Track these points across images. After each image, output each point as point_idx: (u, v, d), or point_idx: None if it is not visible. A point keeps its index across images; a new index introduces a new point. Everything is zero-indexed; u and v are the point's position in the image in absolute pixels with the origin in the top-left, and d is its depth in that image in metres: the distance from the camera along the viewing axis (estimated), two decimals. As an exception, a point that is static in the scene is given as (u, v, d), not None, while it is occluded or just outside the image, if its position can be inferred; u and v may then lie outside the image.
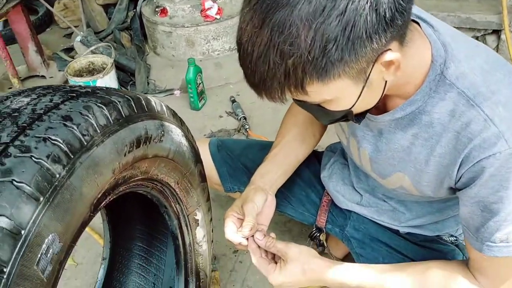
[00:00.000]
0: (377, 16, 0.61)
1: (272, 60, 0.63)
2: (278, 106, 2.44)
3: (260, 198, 1.02)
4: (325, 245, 1.24)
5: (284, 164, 1.12)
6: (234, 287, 1.50)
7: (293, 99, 0.75)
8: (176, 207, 0.98)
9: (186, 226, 1.03)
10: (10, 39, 2.94)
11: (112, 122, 0.69)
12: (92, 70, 2.49)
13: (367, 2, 0.60)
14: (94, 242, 1.68)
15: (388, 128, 0.88)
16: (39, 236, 0.55)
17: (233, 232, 0.98)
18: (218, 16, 2.61)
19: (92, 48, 2.53)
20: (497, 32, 2.55)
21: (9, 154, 0.57)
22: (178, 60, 2.76)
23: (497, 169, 0.73)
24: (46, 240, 0.56)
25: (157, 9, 2.70)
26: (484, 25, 2.52)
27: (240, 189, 1.33)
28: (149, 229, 1.23)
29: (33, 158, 0.57)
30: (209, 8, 2.59)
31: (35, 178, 0.56)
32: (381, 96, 0.76)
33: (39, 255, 0.55)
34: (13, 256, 0.52)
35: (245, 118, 2.28)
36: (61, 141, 0.60)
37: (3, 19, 2.50)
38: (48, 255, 0.57)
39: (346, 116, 0.77)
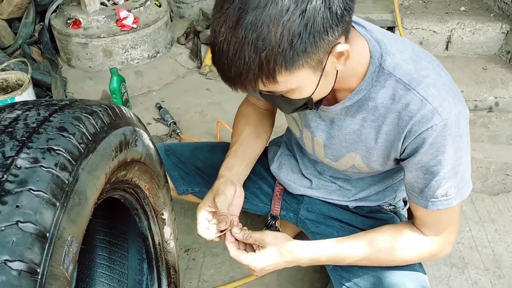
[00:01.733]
0: (331, 13, 0.73)
1: (247, 55, 0.72)
2: (204, 109, 2.53)
3: (230, 190, 1.11)
4: (281, 230, 1.34)
5: (245, 158, 1.22)
6: (191, 284, 1.56)
7: (260, 92, 0.85)
8: (146, 209, 1.03)
9: (155, 226, 1.08)
10: None
11: (99, 129, 0.74)
12: (6, 88, 2.37)
13: (322, 2, 0.72)
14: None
15: (339, 116, 1.01)
16: (61, 238, 0.59)
17: (206, 229, 1.06)
18: (135, 25, 2.62)
19: (4, 65, 2.41)
20: (391, 29, 2.86)
21: (18, 166, 0.60)
22: (95, 71, 2.72)
23: (434, 138, 0.89)
24: (67, 242, 0.61)
25: (69, 21, 2.64)
26: (380, 23, 2.81)
27: (194, 190, 1.40)
28: (109, 236, 1.25)
29: (43, 168, 0.61)
30: (124, 18, 2.60)
31: (49, 185, 0.60)
32: (334, 84, 0.89)
33: (63, 256, 0.59)
34: (43, 258, 0.56)
35: (175, 123, 2.32)
36: (63, 150, 0.64)
37: None
38: (70, 255, 0.61)
39: (306, 104, 0.89)
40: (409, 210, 1.26)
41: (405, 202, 1.32)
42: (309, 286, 1.54)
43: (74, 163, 0.65)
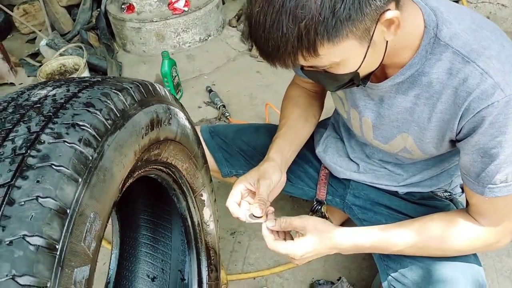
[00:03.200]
0: None
1: (285, 26, 0.67)
2: (253, 92, 2.51)
3: (277, 177, 1.05)
4: (327, 216, 1.29)
5: (294, 142, 1.16)
6: (236, 266, 1.55)
7: (302, 68, 0.79)
8: (184, 189, 1.01)
9: (194, 207, 1.06)
10: (-28, 49, 2.87)
11: (128, 106, 0.72)
12: (64, 72, 2.47)
13: None
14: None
15: (389, 94, 0.94)
16: (83, 215, 0.58)
17: (235, 203, 1.02)
18: (186, 8, 2.63)
19: (62, 50, 2.50)
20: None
21: (42, 141, 0.59)
22: (149, 56, 2.77)
23: (495, 117, 0.80)
24: (89, 219, 0.59)
25: (123, 6, 2.69)
26: (442, -3, 2.64)
27: (238, 172, 1.36)
28: (153, 216, 1.26)
29: (66, 143, 0.60)
30: (176, 1, 2.61)
31: (72, 161, 0.58)
32: (383, 57, 0.81)
33: (84, 233, 0.58)
34: (63, 234, 0.55)
35: (224, 106, 2.31)
36: (89, 126, 0.63)
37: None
38: (92, 232, 0.60)
39: (352, 79, 0.82)
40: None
41: (462, 188, 1.22)
42: (357, 274, 1.48)
43: (100, 139, 0.64)
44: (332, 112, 1.34)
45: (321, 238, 0.98)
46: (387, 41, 0.79)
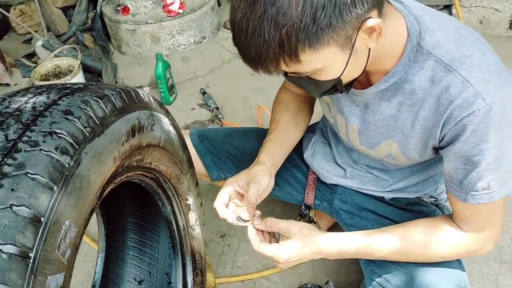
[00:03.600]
0: None
1: (267, 32, 0.68)
2: (247, 95, 2.50)
3: (266, 181, 1.06)
4: (315, 220, 1.30)
5: (284, 146, 1.17)
6: (225, 269, 1.56)
7: (285, 74, 0.80)
8: (168, 193, 1.02)
9: (179, 211, 1.07)
10: (-32, 50, 2.87)
11: (108, 113, 0.73)
12: (58, 74, 2.47)
13: None
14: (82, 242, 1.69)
15: (373, 100, 0.94)
16: (57, 222, 0.59)
17: (223, 204, 1.02)
18: (181, 11, 2.63)
19: (57, 51, 2.51)
20: (448, 7, 2.69)
21: (19, 149, 0.60)
22: (144, 57, 2.77)
23: (477, 125, 0.80)
24: (64, 226, 0.60)
25: (118, 8, 2.70)
26: (437, 1, 2.64)
27: (227, 176, 1.36)
28: (140, 220, 1.26)
29: (42, 151, 0.60)
30: (171, 3, 2.61)
31: (47, 169, 0.59)
32: (366, 64, 0.82)
33: (59, 240, 0.59)
34: (36, 242, 0.55)
35: (217, 108, 2.32)
36: (66, 134, 0.64)
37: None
38: (67, 239, 0.61)
39: (335, 86, 0.83)
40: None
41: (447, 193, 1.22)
42: (345, 278, 1.49)
43: (77, 147, 0.64)
44: (321, 116, 1.35)
45: (306, 243, 0.98)
46: (369, 49, 0.79)
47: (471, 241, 0.95)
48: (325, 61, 0.75)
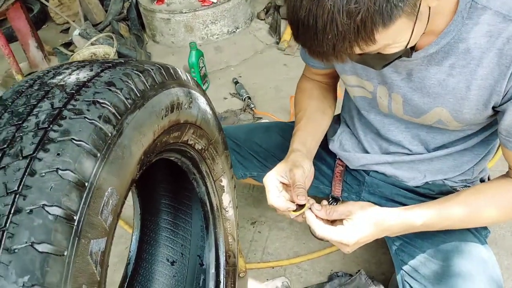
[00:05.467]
0: None
1: (340, 24, 0.66)
2: (279, 85, 2.50)
3: (308, 165, 1.02)
4: None
5: (315, 134, 1.14)
6: (255, 255, 1.56)
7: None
8: (203, 174, 1.03)
9: (213, 192, 1.08)
10: (9, 38, 2.96)
11: (149, 87, 0.74)
12: (94, 61, 2.52)
13: None
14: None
15: (419, 67, 0.92)
16: (100, 188, 0.60)
17: (277, 197, 0.97)
18: (215, 0, 2.64)
19: (93, 39, 2.56)
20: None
21: (64, 116, 0.61)
22: (178, 47, 2.80)
23: None
24: (106, 193, 0.61)
25: (153, -3, 2.73)
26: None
27: (252, 174, 1.37)
28: (173, 201, 1.28)
29: (86, 119, 0.62)
30: (205, -7, 2.62)
31: (91, 136, 0.60)
32: (427, 25, 0.79)
33: (101, 206, 0.60)
34: (81, 206, 0.57)
35: (249, 98, 2.32)
36: (109, 104, 0.65)
37: (3, 17, 2.52)
38: (109, 206, 0.62)
39: (400, 55, 0.81)
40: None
41: (482, 181, 1.18)
42: (376, 268, 1.47)
43: (119, 117, 0.65)
44: (341, 108, 1.32)
45: (371, 221, 0.93)
46: (429, 8, 0.77)
47: None
48: (396, 34, 0.73)
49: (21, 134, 0.60)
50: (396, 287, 1.10)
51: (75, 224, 0.56)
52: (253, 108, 2.25)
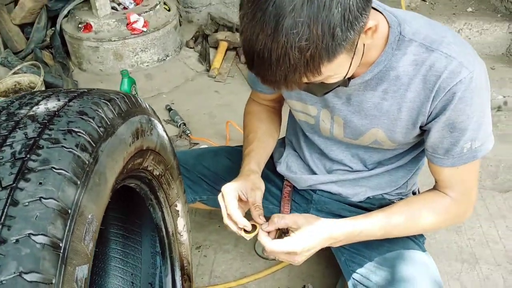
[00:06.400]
0: None
1: (292, 58, 0.74)
2: (213, 111, 2.54)
3: (263, 188, 1.10)
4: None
5: (265, 155, 1.22)
6: (202, 279, 1.57)
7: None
8: (160, 199, 1.04)
9: (169, 217, 1.09)
10: None
11: (116, 115, 0.76)
12: (18, 90, 2.42)
13: None
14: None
15: (357, 92, 1.02)
16: (82, 215, 0.61)
17: (236, 210, 1.02)
18: (145, 29, 2.66)
19: (17, 68, 2.45)
20: None
21: (41, 146, 0.62)
22: (106, 74, 2.76)
23: (463, 92, 0.92)
24: (87, 220, 0.62)
25: (80, 25, 2.69)
26: None
27: (202, 198, 1.40)
28: (122, 230, 1.27)
29: (64, 148, 0.63)
30: (135, 22, 2.63)
31: (71, 164, 0.62)
32: (361, 58, 0.90)
33: (84, 233, 0.61)
34: (65, 233, 0.57)
35: (184, 124, 2.34)
36: (84, 132, 0.66)
37: None
38: (90, 233, 0.63)
39: (339, 84, 0.91)
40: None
41: (414, 194, 1.31)
42: (320, 282, 1.54)
43: (94, 145, 0.67)
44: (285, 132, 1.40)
45: (317, 229, 1.01)
46: (364, 45, 0.87)
47: (458, 205, 1.06)
48: (337, 67, 0.82)
49: (-3, 165, 0.60)
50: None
51: (61, 251, 0.57)
52: (189, 134, 2.28)
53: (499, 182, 1.95)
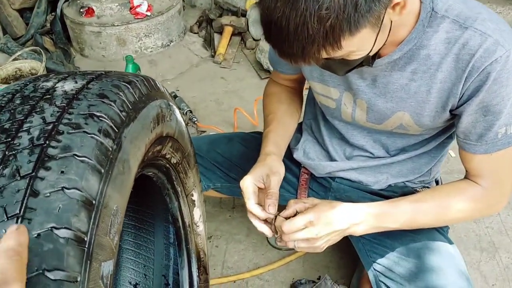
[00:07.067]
0: None
1: (310, 27, 0.69)
2: (219, 98, 2.50)
3: (282, 171, 1.05)
4: None
5: (285, 136, 1.18)
6: (215, 270, 1.53)
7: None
8: (177, 188, 0.99)
9: (185, 207, 1.04)
10: None
11: (137, 99, 0.71)
12: (19, 77, 2.35)
13: None
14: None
15: (383, 72, 0.97)
16: (107, 207, 0.56)
17: (256, 206, 0.99)
18: (148, 13, 2.59)
19: (17, 54, 2.39)
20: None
21: (61, 131, 0.57)
22: (109, 60, 2.69)
23: (498, 73, 0.86)
24: (112, 211, 0.57)
25: (81, 10, 2.61)
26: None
27: (215, 186, 1.35)
28: (134, 220, 1.22)
29: (86, 134, 0.58)
30: (138, 6, 2.56)
31: (94, 151, 0.56)
32: (388, 36, 0.85)
33: (109, 225, 0.56)
34: (90, 226, 0.52)
35: (191, 112, 2.29)
36: (106, 117, 0.61)
37: None
38: (115, 225, 0.58)
39: (362, 62, 0.86)
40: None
41: (437, 182, 1.27)
42: (335, 272, 1.50)
43: (117, 130, 0.62)
44: (303, 117, 1.35)
45: (337, 208, 0.97)
46: (391, 21, 0.82)
47: (490, 194, 1.00)
48: (359, 42, 0.77)
49: (13, 152, 0.54)
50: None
51: (86, 246, 0.52)
52: (196, 122, 2.22)
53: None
